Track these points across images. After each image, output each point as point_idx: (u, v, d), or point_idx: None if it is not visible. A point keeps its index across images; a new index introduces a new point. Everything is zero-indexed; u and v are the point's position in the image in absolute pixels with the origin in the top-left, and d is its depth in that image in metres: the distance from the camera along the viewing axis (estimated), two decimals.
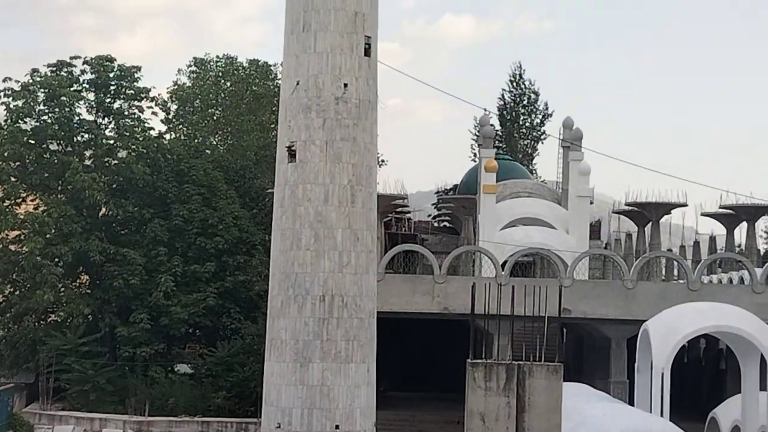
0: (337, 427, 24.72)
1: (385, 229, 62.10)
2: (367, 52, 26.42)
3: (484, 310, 28.61)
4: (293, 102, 26.25)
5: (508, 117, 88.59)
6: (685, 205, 65.12)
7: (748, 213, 63.87)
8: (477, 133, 74.81)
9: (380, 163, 69.54)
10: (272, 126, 63.66)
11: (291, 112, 26.30)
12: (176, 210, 51.01)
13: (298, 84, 26.16)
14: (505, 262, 44.38)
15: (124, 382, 47.13)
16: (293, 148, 26.13)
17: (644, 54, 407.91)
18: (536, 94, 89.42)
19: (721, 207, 65.22)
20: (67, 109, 51.30)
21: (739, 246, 69.65)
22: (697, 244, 75.21)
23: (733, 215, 65.30)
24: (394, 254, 45.26)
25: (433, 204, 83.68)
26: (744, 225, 65.59)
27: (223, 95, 69.90)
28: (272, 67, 69.28)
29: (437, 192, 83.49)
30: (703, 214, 69.66)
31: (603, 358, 45.38)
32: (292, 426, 24.77)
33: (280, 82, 28.67)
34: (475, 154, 78.72)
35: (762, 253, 74.46)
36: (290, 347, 25.20)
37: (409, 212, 72.24)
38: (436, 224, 78.24)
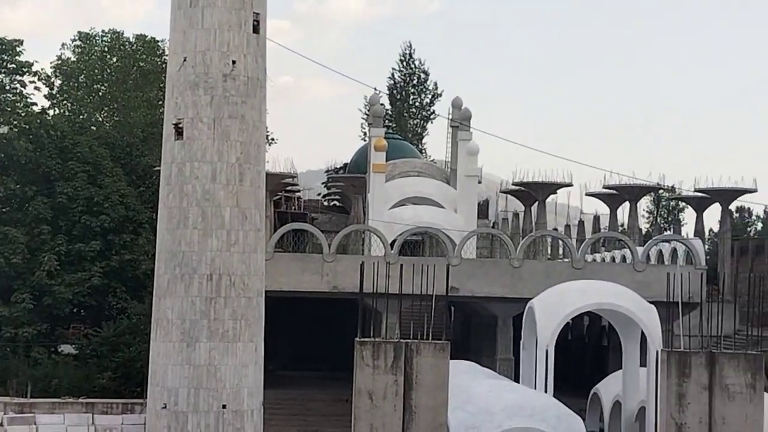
0: (224, 406, 24.56)
1: (274, 208, 61.81)
2: (256, 29, 26.16)
3: (372, 289, 28.73)
4: (180, 79, 25.87)
5: (398, 96, 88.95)
6: (570, 185, 66.42)
7: (631, 193, 65.41)
8: (367, 113, 74.87)
9: (269, 141, 69.19)
10: (160, 103, 62.63)
11: (178, 88, 25.92)
12: (60, 187, 49.89)
13: (185, 60, 25.78)
14: (394, 241, 44.61)
15: (5, 364, 46.02)
16: (180, 126, 25.77)
17: (534, 35, 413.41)
18: (426, 73, 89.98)
19: (605, 187, 66.67)
20: None
21: (622, 225, 71.32)
22: (581, 223, 76.77)
23: (616, 195, 66.80)
24: (284, 233, 45.10)
25: (323, 183, 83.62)
26: (627, 205, 67.16)
27: (109, 71, 68.60)
28: (160, 43, 68.21)
29: (327, 171, 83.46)
30: (588, 194, 71.12)
31: (489, 335, 46.03)
32: (178, 406, 24.52)
33: (167, 58, 28.21)
34: (365, 133, 78.95)
35: (643, 232, 76.39)
36: (177, 327, 24.92)
37: (298, 191, 72.08)
38: (326, 203, 78.26)
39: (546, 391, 32.24)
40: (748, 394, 25.05)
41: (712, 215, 69.74)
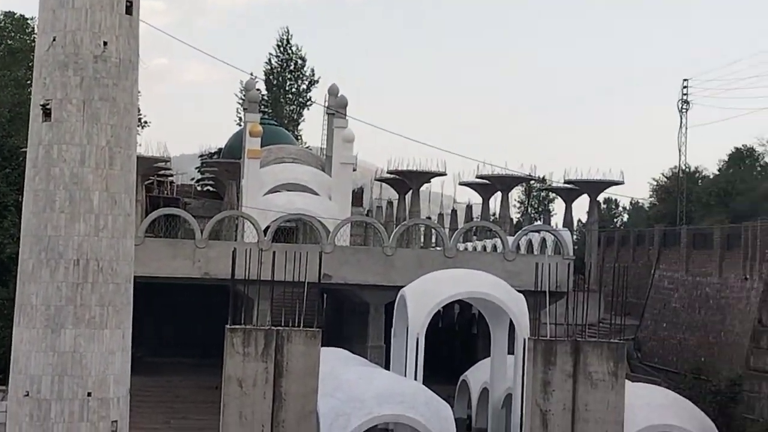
0: (89, 394, 24.04)
1: (146, 193, 60.83)
2: (129, 10, 25.61)
3: (244, 275, 28.58)
4: (49, 59, 25.18)
5: (275, 82, 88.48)
6: (444, 174, 67.12)
7: (503, 183, 66.45)
8: (243, 98, 74.24)
9: (142, 124, 67.95)
10: (28, 82, 60.90)
11: (47, 69, 25.22)
12: None
13: (54, 40, 25.08)
14: (267, 228, 44.41)
15: None
16: (48, 107, 25.07)
17: (411, 25, 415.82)
18: (303, 60, 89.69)
19: (477, 177, 67.59)
20: None
21: (494, 215, 72.42)
22: (454, 212, 77.71)
23: (488, 185, 67.80)
24: (155, 218, 44.45)
25: (196, 168, 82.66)
26: (499, 195, 68.21)
27: None
28: (29, 21, 66.32)
29: (201, 155, 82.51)
30: (461, 184, 72.03)
31: (362, 323, 46.25)
32: (41, 394, 23.92)
33: (36, 37, 27.45)
34: (240, 119, 78.24)
35: (515, 222, 77.67)
36: (41, 313, 24.28)
37: (171, 175, 71.08)
38: (199, 188, 77.36)
39: (416, 379, 32.55)
40: (611, 381, 25.77)
41: (581, 206, 71.40)
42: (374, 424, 28.43)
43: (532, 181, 78.50)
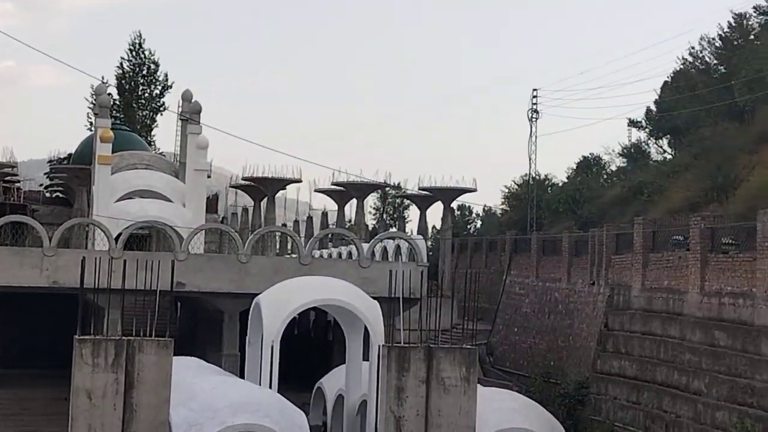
0: None
1: None
2: None
3: (94, 284, 27.97)
4: None
5: (127, 87, 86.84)
6: (299, 181, 67.02)
7: (358, 190, 66.80)
8: (93, 102, 72.63)
9: None
10: None
11: None
12: None
13: None
14: (119, 235, 43.54)
15: None
16: None
17: (268, 33, 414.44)
18: (156, 64, 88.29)
19: (333, 184, 67.79)
20: None
21: (350, 221, 72.72)
22: (310, 219, 77.76)
23: (344, 192, 68.06)
24: (0, 225, 43.11)
25: (45, 173, 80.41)
26: (354, 201, 68.53)
27: None
28: None
29: (50, 161, 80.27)
30: (317, 191, 72.12)
31: (216, 331, 45.78)
32: None
33: None
34: (91, 123, 76.53)
35: (370, 229, 78.14)
36: None
37: (18, 181, 69.06)
38: (48, 195, 75.28)
39: (270, 387, 32.37)
40: (463, 386, 26.14)
41: (436, 213, 72.35)
42: None
43: (387, 188, 79.19)
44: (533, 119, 71.66)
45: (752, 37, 60.11)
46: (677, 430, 33.44)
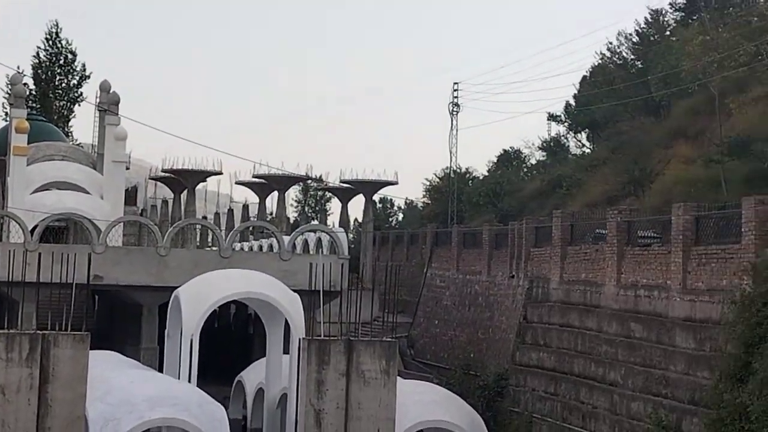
0: None
1: None
2: None
3: (8, 277, 27.47)
4: None
5: (43, 76, 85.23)
6: (220, 173, 66.57)
7: (280, 183, 66.55)
8: (8, 92, 71.19)
9: None
10: None
11: None
12: None
13: None
14: (35, 228, 42.76)
15: None
16: None
17: (184, 23, 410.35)
18: (74, 54, 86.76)
19: (254, 176, 67.41)
20: None
21: (271, 214, 72.41)
22: (231, 211, 77.23)
23: (265, 184, 67.73)
24: None
25: None
26: (275, 194, 68.24)
27: None
28: None
29: None
30: (238, 183, 71.67)
31: (134, 325, 45.25)
32: None
33: None
34: (6, 114, 75.01)
35: (292, 221, 77.90)
36: None
37: None
38: None
39: (190, 381, 32.06)
40: (383, 379, 26.19)
41: (358, 206, 72.40)
42: (146, 428, 27.83)
43: (309, 181, 78.95)
44: (454, 113, 72.08)
45: (668, 33, 61.14)
46: (594, 421, 33.92)
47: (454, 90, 72.51)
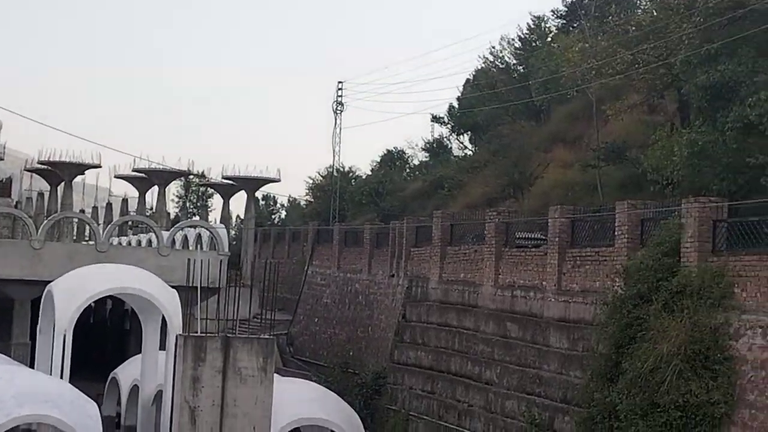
0: None
1: None
2: None
3: None
4: None
5: None
6: (98, 166, 65.47)
7: (160, 178, 65.70)
8: None
9: None
10: None
11: None
12: None
13: None
14: None
15: None
16: None
17: (65, 11, 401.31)
18: None
19: (134, 170, 66.39)
20: None
21: (152, 209, 71.43)
22: (109, 205, 75.98)
23: (145, 179, 66.75)
24: None
25: None
26: (156, 189, 67.35)
27: None
28: None
29: None
30: (117, 177, 70.48)
31: (5, 319, 44.03)
32: None
33: None
34: None
35: (172, 217, 76.97)
36: None
37: None
38: None
39: (62, 377, 31.34)
40: (260, 376, 26.02)
41: (240, 202, 71.96)
42: (15, 425, 27.16)
43: (191, 177, 78.10)
44: (338, 111, 72.15)
45: (549, 39, 62.27)
46: (469, 419, 34.34)
47: (339, 89, 72.62)
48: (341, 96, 72.53)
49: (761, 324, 21.65)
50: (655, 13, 39.55)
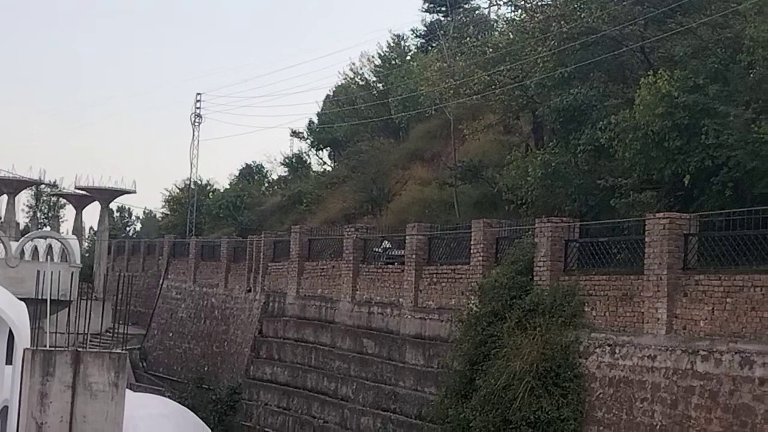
0: None
1: None
2: None
3: None
4: None
5: None
6: None
7: (9, 186, 63.79)
8: None
9: None
10: None
11: None
12: None
13: None
14: None
15: None
16: None
17: None
18: None
19: None
20: None
21: (1, 218, 69.23)
22: None
23: None
24: None
25: None
26: (5, 198, 65.35)
27: None
28: None
29: None
30: None
31: None
32: None
33: None
34: None
35: (22, 228, 74.77)
36: None
37: None
38: None
39: None
40: (111, 392, 25.36)
41: (94, 214, 70.29)
42: None
43: (43, 186, 76.05)
44: (196, 123, 71.37)
45: (408, 57, 62.98)
46: None
47: (197, 101, 71.85)
48: (200, 108, 71.80)
49: (609, 342, 22.28)
50: (511, 36, 40.35)
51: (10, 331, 33.06)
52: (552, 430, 22.34)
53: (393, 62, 63.37)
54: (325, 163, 71.40)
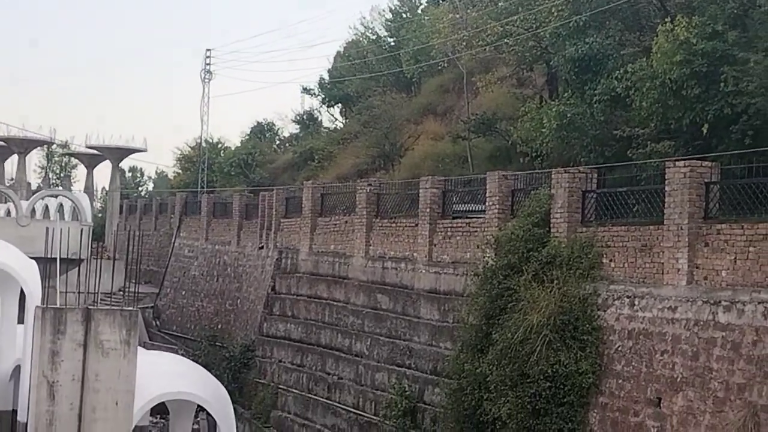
0: None
1: None
2: None
3: None
4: None
5: None
6: None
7: (20, 146, 63.45)
8: None
9: None
10: None
11: None
12: None
13: None
14: None
15: None
16: None
17: None
18: None
19: None
20: None
21: (12, 178, 69.03)
22: None
23: (4, 147, 64.42)
24: None
25: None
26: (15, 157, 65.11)
27: None
28: None
29: None
30: None
31: None
32: None
33: None
34: None
35: (34, 188, 74.61)
36: None
37: None
38: None
39: None
40: (123, 350, 25.11)
41: (106, 173, 70.00)
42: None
43: (54, 145, 75.78)
44: (206, 80, 70.86)
45: (419, 10, 62.20)
46: (339, 392, 34.07)
47: (207, 57, 71.27)
48: (209, 64, 71.23)
49: (628, 294, 21.86)
50: None
51: (22, 290, 32.93)
52: (570, 384, 21.98)
53: (404, 15, 62.60)
54: (336, 119, 70.92)
